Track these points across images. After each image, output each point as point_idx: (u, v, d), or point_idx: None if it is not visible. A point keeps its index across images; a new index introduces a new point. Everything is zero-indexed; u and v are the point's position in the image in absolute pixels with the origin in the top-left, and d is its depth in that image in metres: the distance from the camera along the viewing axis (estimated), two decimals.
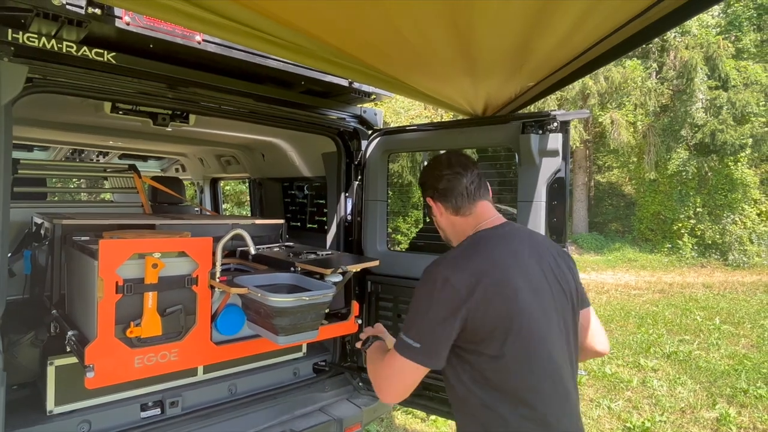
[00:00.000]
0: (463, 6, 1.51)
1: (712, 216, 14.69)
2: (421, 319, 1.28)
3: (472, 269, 1.29)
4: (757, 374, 5.32)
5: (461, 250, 1.40)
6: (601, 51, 1.78)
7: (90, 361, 1.57)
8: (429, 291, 1.30)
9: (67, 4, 1.55)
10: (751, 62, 14.00)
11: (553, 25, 1.59)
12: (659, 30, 1.58)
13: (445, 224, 1.56)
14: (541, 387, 1.27)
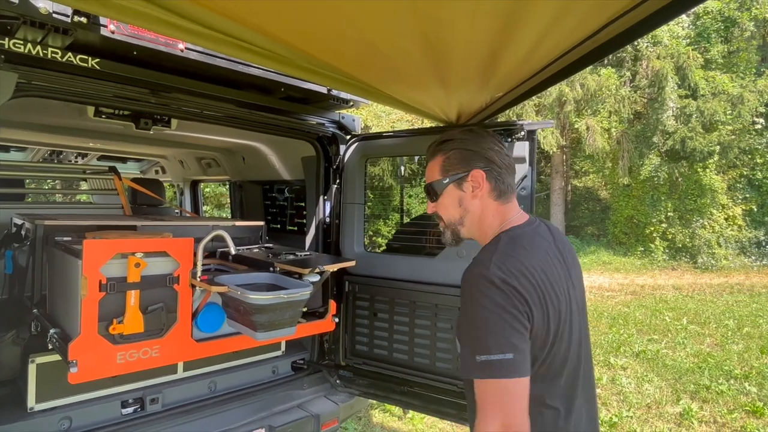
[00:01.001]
0: (432, 22, 1.62)
1: (682, 220, 15.20)
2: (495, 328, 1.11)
3: (528, 269, 1.18)
4: (719, 371, 5.57)
5: (504, 249, 1.23)
6: (561, 66, 1.91)
7: (73, 357, 1.63)
8: (487, 297, 1.14)
9: (54, 13, 1.61)
10: (719, 72, 14.55)
11: (515, 43, 1.71)
12: (615, 46, 1.71)
13: (475, 207, 1.34)
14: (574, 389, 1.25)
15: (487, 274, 1.15)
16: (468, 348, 1.14)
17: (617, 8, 1.45)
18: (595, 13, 1.49)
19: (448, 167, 1.37)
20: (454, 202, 1.36)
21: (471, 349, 1.13)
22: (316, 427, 2.56)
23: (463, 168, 1.34)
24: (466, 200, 1.34)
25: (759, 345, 6.70)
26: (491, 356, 1.09)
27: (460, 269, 2.34)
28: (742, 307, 9.39)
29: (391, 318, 2.61)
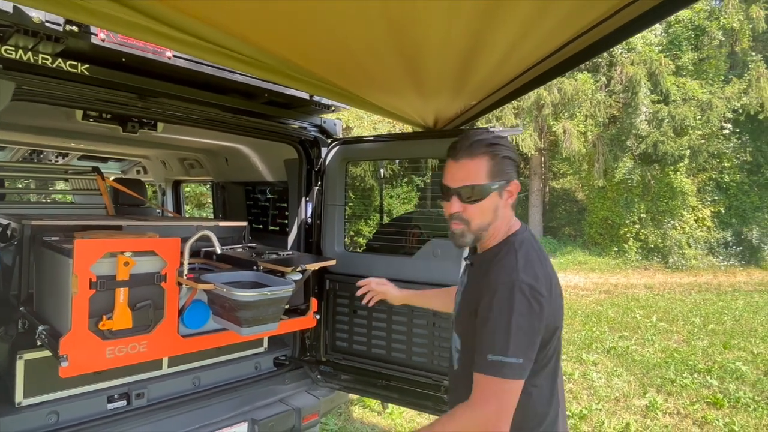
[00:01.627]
0: (407, 36, 1.74)
1: (654, 221, 15.69)
2: (517, 333, 1.20)
3: (544, 276, 1.29)
4: (684, 366, 5.85)
5: (524, 254, 1.32)
6: (531, 76, 2.05)
7: (64, 352, 1.70)
8: (519, 303, 1.22)
9: (47, 22, 1.68)
10: (689, 79, 15.08)
11: (485, 56, 1.85)
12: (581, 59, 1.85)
13: (504, 216, 1.40)
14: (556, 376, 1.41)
15: (519, 282, 1.24)
16: (485, 345, 1.23)
17: (584, 24, 1.60)
18: (563, 27, 1.63)
19: (496, 173, 1.35)
20: (491, 209, 1.36)
21: (487, 347, 1.22)
22: (298, 421, 2.65)
23: (508, 176, 1.37)
24: (500, 209, 1.37)
25: (722, 341, 7.03)
26: (506, 358, 1.19)
27: (435, 268, 2.48)
28: (709, 305, 9.79)
29: (369, 315, 2.72)
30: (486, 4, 1.47)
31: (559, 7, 1.47)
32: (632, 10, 1.44)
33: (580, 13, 1.51)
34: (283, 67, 2.10)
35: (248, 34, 1.83)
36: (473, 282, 1.44)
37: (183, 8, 1.60)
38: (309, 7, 1.55)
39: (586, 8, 1.48)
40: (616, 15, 1.47)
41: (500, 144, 1.40)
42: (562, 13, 1.51)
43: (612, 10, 1.47)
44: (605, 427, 4.16)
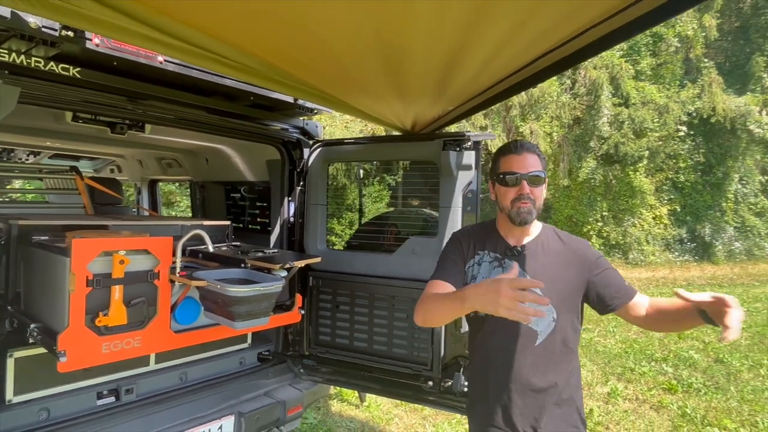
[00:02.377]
0: (393, 45, 1.87)
1: (615, 219, 16.36)
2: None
3: None
4: (642, 355, 6.21)
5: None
6: (503, 88, 2.22)
7: (62, 348, 1.75)
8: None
9: (43, 27, 1.73)
10: (648, 83, 15.80)
11: (464, 67, 2.00)
12: (545, 76, 2.03)
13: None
14: None
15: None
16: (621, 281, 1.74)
17: (554, 41, 1.76)
18: (535, 44, 1.80)
19: (544, 167, 1.79)
20: (544, 193, 1.78)
21: (622, 280, 1.74)
22: (283, 413, 2.75)
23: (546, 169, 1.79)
24: (544, 189, 1.78)
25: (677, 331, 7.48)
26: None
27: (414, 264, 2.62)
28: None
29: (352, 309, 2.85)
30: (467, 20, 1.61)
31: (532, 27, 1.63)
32: (595, 32, 1.62)
33: (550, 33, 1.68)
34: (270, 72, 2.20)
35: (239, 40, 1.93)
36: (543, 260, 1.73)
37: (176, 15, 1.68)
38: (300, 17, 1.66)
39: (556, 29, 1.65)
40: (584, 34, 1.64)
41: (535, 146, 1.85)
42: (535, 32, 1.67)
43: (578, 31, 1.64)
44: None
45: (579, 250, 1.74)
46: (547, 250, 1.75)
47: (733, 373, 5.62)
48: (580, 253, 1.74)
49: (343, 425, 4.01)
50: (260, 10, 1.66)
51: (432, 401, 2.64)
